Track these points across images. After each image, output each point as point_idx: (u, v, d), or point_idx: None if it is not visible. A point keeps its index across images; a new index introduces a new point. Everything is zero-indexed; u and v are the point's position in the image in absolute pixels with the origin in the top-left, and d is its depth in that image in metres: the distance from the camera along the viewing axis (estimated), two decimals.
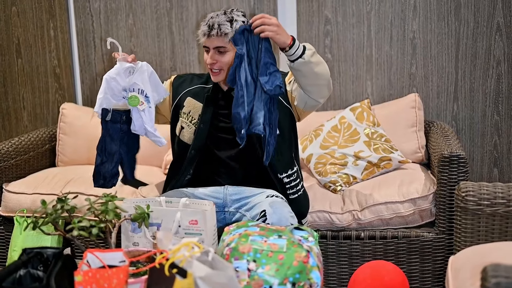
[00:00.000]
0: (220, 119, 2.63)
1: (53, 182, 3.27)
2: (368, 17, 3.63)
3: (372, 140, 3.20)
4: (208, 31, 2.49)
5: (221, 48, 2.51)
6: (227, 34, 2.48)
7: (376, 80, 3.68)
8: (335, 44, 3.68)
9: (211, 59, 2.53)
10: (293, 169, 2.68)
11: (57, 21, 3.90)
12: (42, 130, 3.73)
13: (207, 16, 2.54)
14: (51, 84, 3.98)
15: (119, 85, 2.46)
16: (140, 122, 2.48)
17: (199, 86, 2.71)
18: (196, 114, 2.65)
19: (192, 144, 2.63)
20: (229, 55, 2.52)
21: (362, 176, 3.12)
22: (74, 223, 1.98)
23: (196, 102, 2.67)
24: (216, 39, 2.49)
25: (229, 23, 2.48)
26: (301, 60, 2.40)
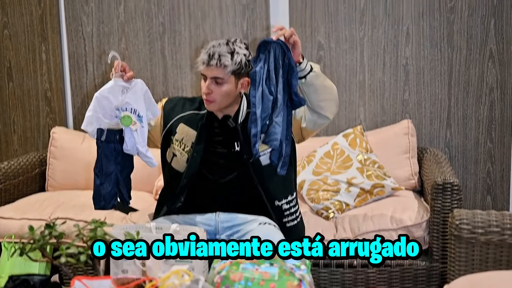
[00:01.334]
0: (215, 146, 2.61)
1: (42, 207, 3.23)
2: (361, 43, 3.64)
3: (365, 166, 3.18)
4: (207, 60, 2.46)
5: (218, 79, 2.49)
6: (227, 66, 2.46)
7: (369, 106, 3.68)
8: (328, 70, 3.68)
9: (206, 88, 2.50)
10: (293, 195, 2.66)
11: (49, 44, 3.90)
12: (32, 154, 3.70)
13: (209, 44, 2.51)
14: (42, 108, 3.96)
15: (111, 103, 2.44)
16: (132, 142, 2.46)
17: (192, 112, 2.67)
18: (189, 142, 2.62)
19: (185, 173, 2.60)
20: (225, 87, 2.50)
21: (355, 203, 3.10)
22: (62, 249, 1.94)
23: (189, 129, 2.64)
24: (214, 69, 2.47)
25: (230, 55, 2.46)
26: (312, 74, 2.46)
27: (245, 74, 2.54)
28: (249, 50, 2.54)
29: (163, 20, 3.78)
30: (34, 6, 3.87)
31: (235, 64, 2.46)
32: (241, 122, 2.58)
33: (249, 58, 2.51)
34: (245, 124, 2.57)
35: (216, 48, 2.47)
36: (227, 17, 3.73)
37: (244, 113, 2.60)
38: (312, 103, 2.53)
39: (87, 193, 3.45)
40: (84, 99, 3.92)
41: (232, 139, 2.59)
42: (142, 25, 3.80)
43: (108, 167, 2.50)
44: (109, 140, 2.47)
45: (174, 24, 3.78)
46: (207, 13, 3.75)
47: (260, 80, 2.37)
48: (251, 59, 2.46)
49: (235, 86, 2.52)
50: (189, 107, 2.69)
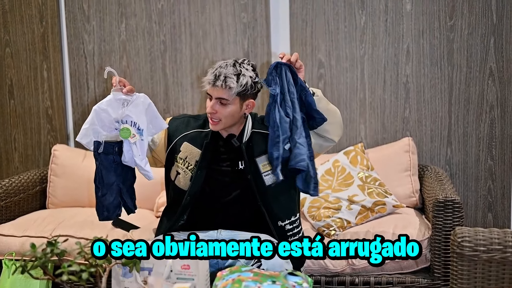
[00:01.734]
0: (219, 164, 2.61)
1: (43, 225, 3.22)
2: (362, 61, 3.66)
3: (366, 184, 3.18)
4: (213, 80, 2.48)
5: (223, 100, 2.50)
6: (232, 88, 2.47)
7: (370, 124, 3.69)
8: (328, 88, 3.69)
9: (211, 108, 2.52)
10: (296, 215, 2.66)
11: (50, 63, 3.91)
12: (33, 172, 3.70)
13: (216, 64, 2.53)
14: (43, 125, 3.97)
15: (110, 116, 2.46)
16: (130, 154, 2.47)
17: (196, 130, 2.68)
18: (193, 160, 2.62)
19: (188, 191, 2.60)
20: (230, 108, 2.51)
21: (356, 221, 3.09)
22: (64, 267, 1.94)
23: (193, 147, 2.64)
24: (220, 90, 2.48)
25: (235, 76, 2.48)
26: (315, 98, 2.49)
27: (250, 95, 2.55)
28: (256, 72, 2.56)
29: (164, 38, 3.80)
30: (36, 25, 3.89)
31: (240, 86, 2.48)
32: (246, 142, 2.59)
33: (255, 80, 2.53)
34: (250, 144, 2.58)
35: (222, 69, 2.49)
36: (228, 36, 3.75)
37: (249, 132, 2.61)
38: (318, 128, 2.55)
39: (88, 211, 3.46)
40: (85, 117, 3.90)
41: (236, 158, 2.59)
42: (144, 43, 3.82)
43: (109, 178, 2.51)
44: (108, 152, 2.50)
45: (175, 42, 3.79)
46: (208, 31, 3.76)
47: (276, 103, 2.40)
48: (262, 81, 2.48)
49: (240, 107, 2.54)
50: (193, 125, 2.70)
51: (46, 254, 2.01)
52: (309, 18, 3.66)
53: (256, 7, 3.69)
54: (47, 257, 2.01)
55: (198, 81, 3.78)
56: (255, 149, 2.58)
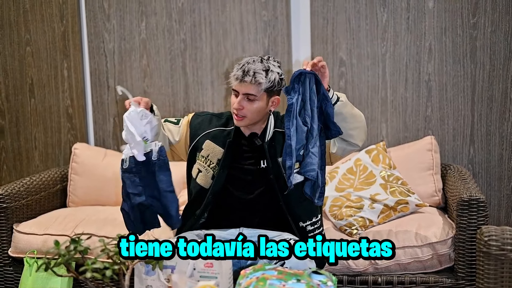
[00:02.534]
0: (242, 162, 2.60)
1: (64, 223, 3.23)
2: (383, 59, 3.63)
3: (389, 183, 3.16)
4: (242, 76, 2.47)
5: (251, 95, 2.49)
6: (261, 83, 2.46)
7: (391, 123, 3.66)
8: (349, 86, 3.67)
9: (238, 104, 2.50)
10: (317, 216, 2.64)
11: (71, 61, 3.92)
12: (53, 170, 3.70)
13: (243, 60, 2.52)
14: (64, 124, 3.98)
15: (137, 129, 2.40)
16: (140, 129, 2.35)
17: (219, 128, 2.67)
18: (215, 158, 2.61)
19: (210, 189, 2.59)
20: (257, 104, 2.51)
21: (379, 220, 3.07)
22: (88, 264, 1.93)
23: (215, 145, 2.63)
24: (248, 86, 2.47)
25: (264, 72, 2.47)
26: (340, 103, 2.46)
27: (276, 92, 2.55)
28: (281, 69, 2.55)
29: (184, 37, 3.79)
30: (56, 23, 3.90)
31: (269, 82, 2.47)
32: (268, 141, 2.57)
33: (281, 76, 2.53)
34: (272, 143, 2.56)
35: (251, 65, 2.48)
36: (248, 34, 3.74)
37: (271, 132, 2.59)
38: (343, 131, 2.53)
39: (108, 209, 3.46)
40: (105, 115, 3.93)
41: (258, 156, 2.58)
42: (164, 42, 3.82)
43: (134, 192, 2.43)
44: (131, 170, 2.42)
45: (195, 41, 3.79)
46: (228, 30, 3.75)
47: (295, 112, 2.38)
48: (283, 89, 2.46)
49: (266, 104, 2.53)
50: (216, 123, 2.68)
51: (70, 252, 2.01)
52: (330, 16, 3.63)
53: (276, 5, 3.68)
54: (71, 254, 2.00)
55: (218, 79, 3.77)
56: (278, 149, 2.57)
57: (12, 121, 4.03)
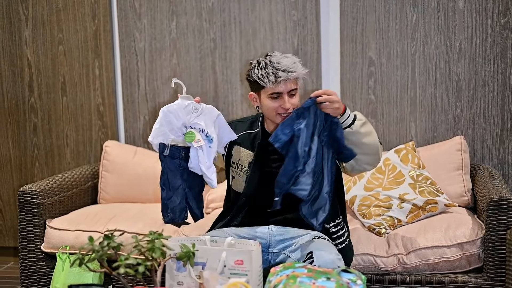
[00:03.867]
0: (270, 164, 2.61)
1: (96, 219, 3.28)
2: (413, 59, 3.62)
3: (417, 182, 3.16)
4: (285, 76, 2.44)
5: (294, 90, 2.51)
6: (299, 77, 2.50)
7: (420, 122, 3.65)
8: (378, 86, 3.67)
9: (289, 104, 2.49)
10: (340, 218, 2.64)
11: (102, 60, 3.97)
12: (84, 168, 3.76)
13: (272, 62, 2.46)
14: (95, 122, 4.03)
15: (178, 120, 2.46)
16: (196, 160, 2.46)
17: (245, 132, 2.69)
18: (246, 162, 2.64)
19: (244, 192, 2.61)
20: (297, 96, 2.54)
21: (407, 219, 3.07)
22: (121, 260, 1.97)
23: (243, 149, 2.65)
24: (290, 83, 2.48)
25: (298, 64, 2.49)
26: (349, 130, 2.44)
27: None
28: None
29: (214, 36, 3.82)
30: (88, 23, 3.95)
31: (302, 71, 2.50)
32: None
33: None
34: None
35: (284, 63, 2.46)
36: (278, 33, 3.75)
37: None
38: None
39: (138, 206, 3.51)
40: (135, 114, 3.97)
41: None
42: (194, 41, 3.85)
43: (174, 182, 2.50)
44: (174, 156, 2.49)
45: (225, 40, 3.81)
46: (258, 29, 3.77)
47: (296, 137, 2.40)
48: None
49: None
50: (241, 129, 2.70)
51: (103, 248, 2.04)
52: (360, 16, 3.64)
53: (306, 4, 3.69)
54: (104, 250, 2.04)
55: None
56: None
57: (44, 119, 4.09)
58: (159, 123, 2.46)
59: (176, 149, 2.49)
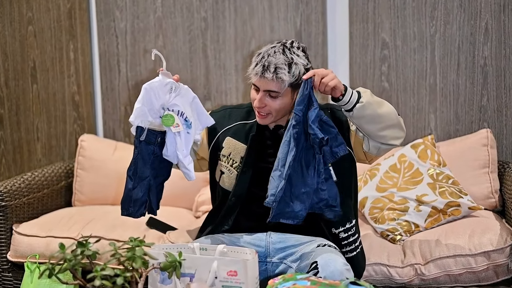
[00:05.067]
0: (267, 160, 2.59)
1: (70, 224, 3.26)
2: (432, 41, 3.59)
3: (437, 182, 3.14)
4: (261, 71, 2.44)
5: (273, 92, 2.47)
6: (284, 80, 2.44)
7: (441, 113, 3.63)
8: (393, 72, 3.65)
9: (259, 102, 2.49)
10: (352, 222, 2.62)
11: (78, 42, 3.94)
12: (57, 165, 3.74)
13: (262, 51, 2.49)
14: (69, 113, 4.00)
15: (158, 100, 2.46)
16: (173, 147, 2.47)
17: (240, 123, 2.67)
18: (238, 157, 2.62)
19: (233, 191, 2.60)
20: (280, 101, 2.49)
21: (426, 224, 3.05)
22: (97, 271, 1.94)
23: (236, 142, 2.63)
24: (270, 82, 2.45)
25: (287, 67, 2.44)
26: (359, 105, 2.41)
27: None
28: (307, 56, 2.53)
29: (205, 15, 3.80)
30: (61, 0, 3.92)
31: (293, 77, 2.45)
32: None
33: (307, 67, 2.50)
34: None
35: (271, 58, 2.45)
36: (278, 12, 3.73)
37: None
38: (370, 135, 2.51)
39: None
40: (115, 104, 3.95)
41: None
42: (182, 20, 3.83)
43: (143, 171, 2.53)
44: (149, 141, 2.51)
45: (217, 20, 3.79)
46: (255, 7, 3.75)
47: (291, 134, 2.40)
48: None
49: (291, 98, 2.51)
50: (236, 117, 2.68)
51: (77, 256, 2.02)
52: None
53: None
54: (78, 259, 2.02)
55: (243, 63, 3.77)
56: None
57: (12, 110, 4.06)
58: (141, 102, 2.47)
59: (152, 134, 2.50)
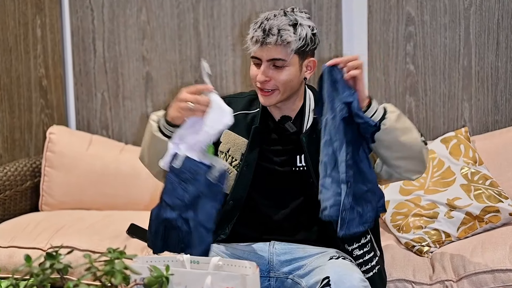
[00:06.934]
0: (272, 159, 2.59)
1: (36, 232, 3.27)
2: (466, 16, 3.60)
3: (473, 183, 3.15)
4: (263, 37, 2.43)
5: (278, 61, 2.45)
6: (290, 43, 2.43)
7: (477, 102, 3.64)
8: (419, 52, 3.65)
9: (263, 75, 2.47)
10: (367, 237, 2.62)
11: (46, 17, 3.94)
12: (22, 162, 3.74)
13: (260, 17, 2.49)
14: (36, 101, 4.01)
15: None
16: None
17: (240, 113, 2.65)
18: (238, 153, 2.61)
19: (231, 193, 2.59)
20: (288, 71, 2.47)
21: (458, 233, 3.06)
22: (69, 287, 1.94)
23: (236, 136, 2.62)
24: (273, 49, 2.44)
25: (292, 28, 2.43)
26: (383, 129, 2.38)
27: (310, 52, 2.52)
28: (312, 21, 2.52)
29: None
30: None
31: (299, 39, 2.44)
32: (308, 129, 2.55)
33: (314, 31, 2.50)
34: (313, 135, 2.52)
35: (273, 21, 2.45)
36: None
37: (311, 116, 2.57)
38: (383, 160, 2.49)
39: (94, 214, 3.51)
40: (90, 89, 3.95)
41: (293, 151, 2.57)
42: None
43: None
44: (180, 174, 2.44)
45: None
46: None
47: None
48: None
49: (300, 70, 2.51)
50: (235, 107, 2.65)
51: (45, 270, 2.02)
52: None
53: None
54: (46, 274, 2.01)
55: (241, 42, 3.77)
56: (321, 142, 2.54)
57: None
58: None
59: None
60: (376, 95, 3.65)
